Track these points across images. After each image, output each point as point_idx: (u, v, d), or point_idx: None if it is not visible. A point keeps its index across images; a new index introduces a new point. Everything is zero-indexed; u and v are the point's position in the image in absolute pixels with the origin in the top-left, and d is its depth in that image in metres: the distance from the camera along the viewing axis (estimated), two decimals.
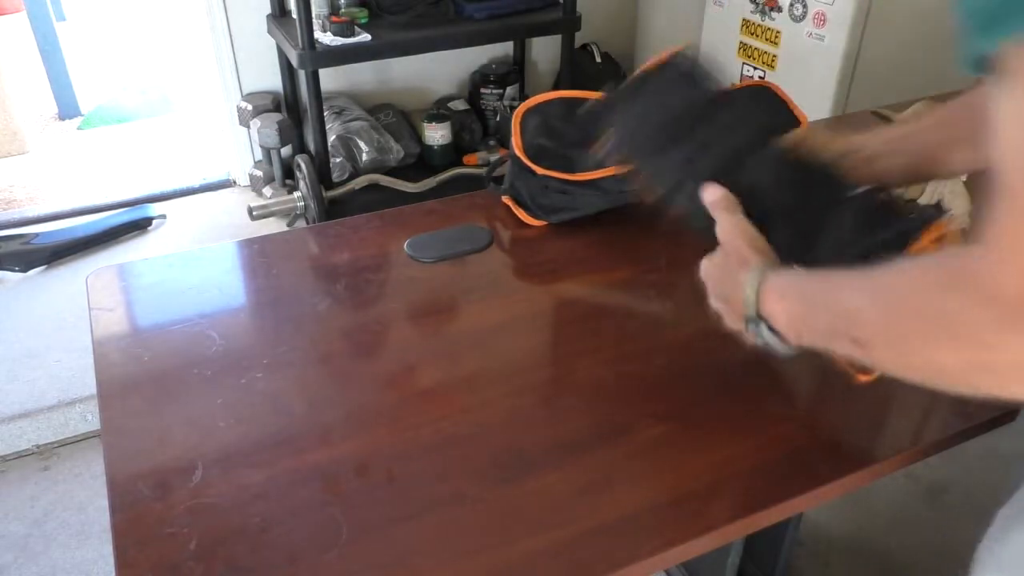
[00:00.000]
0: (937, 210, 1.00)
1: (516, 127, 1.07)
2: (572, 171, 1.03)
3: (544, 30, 2.63)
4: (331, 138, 2.43)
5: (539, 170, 1.03)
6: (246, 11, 2.48)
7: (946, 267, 0.48)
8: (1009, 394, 0.46)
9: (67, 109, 3.54)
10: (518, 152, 1.05)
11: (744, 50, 2.24)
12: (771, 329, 0.62)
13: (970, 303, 0.45)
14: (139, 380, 0.81)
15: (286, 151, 2.57)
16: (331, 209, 2.38)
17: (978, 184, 0.87)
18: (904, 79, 1.93)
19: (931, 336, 0.48)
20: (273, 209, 2.44)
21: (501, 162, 1.13)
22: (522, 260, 1.03)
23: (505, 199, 1.07)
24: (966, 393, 0.49)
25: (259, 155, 2.69)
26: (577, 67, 2.75)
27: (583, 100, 1.13)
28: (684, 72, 0.79)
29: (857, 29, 1.91)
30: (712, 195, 0.70)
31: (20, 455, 1.83)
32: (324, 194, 2.36)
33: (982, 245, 0.44)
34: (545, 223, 1.06)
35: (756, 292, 0.62)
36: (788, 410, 0.79)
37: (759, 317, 0.62)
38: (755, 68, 2.21)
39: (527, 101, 1.10)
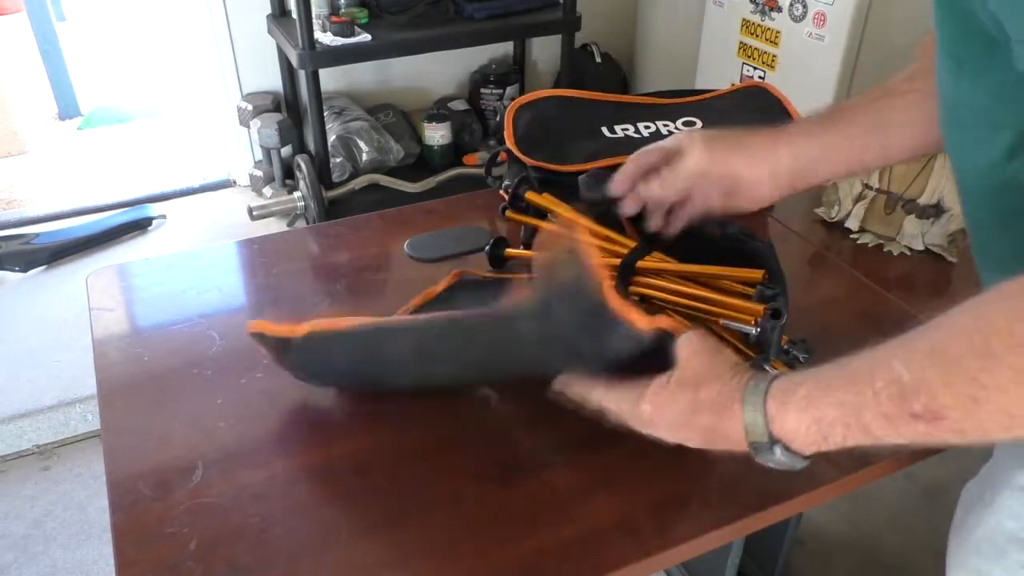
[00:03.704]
0: (937, 209, 1.01)
1: (509, 122, 1.07)
2: (563, 163, 1.03)
3: (544, 30, 2.63)
4: (331, 138, 2.43)
5: (529, 161, 1.03)
6: (246, 11, 2.48)
7: (1011, 298, 0.43)
8: None
9: (67, 109, 3.54)
10: (510, 145, 1.05)
11: (744, 50, 2.24)
12: (787, 450, 0.53)
13: None
14: (139, 380, 0.81)
15: (286, 151, 2.57)
16: (331, 209, 2.38)
17: None
18: None
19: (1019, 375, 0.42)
20: (273, 209, 2.44)
21: (498, 156, 1.13)
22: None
23: (502, 192, 1.07)
24: None
25: (259, 155, 2.69)
26: (577, 67, 2.75)
27: (576, 99, 1.14)
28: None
29: (857, 29, 1.91)
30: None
31: (20, 455, 1.83)
32: (324, 194, 2.37)
33: None
34: None
35: (763, 412, 0.53)
36: None
37: (772, 440, 0.53)
38: (755, 68, 2.21)
39: (520, 98, 1.11)
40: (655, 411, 0.60)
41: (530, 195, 0.96)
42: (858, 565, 1.58)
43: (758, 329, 0.76)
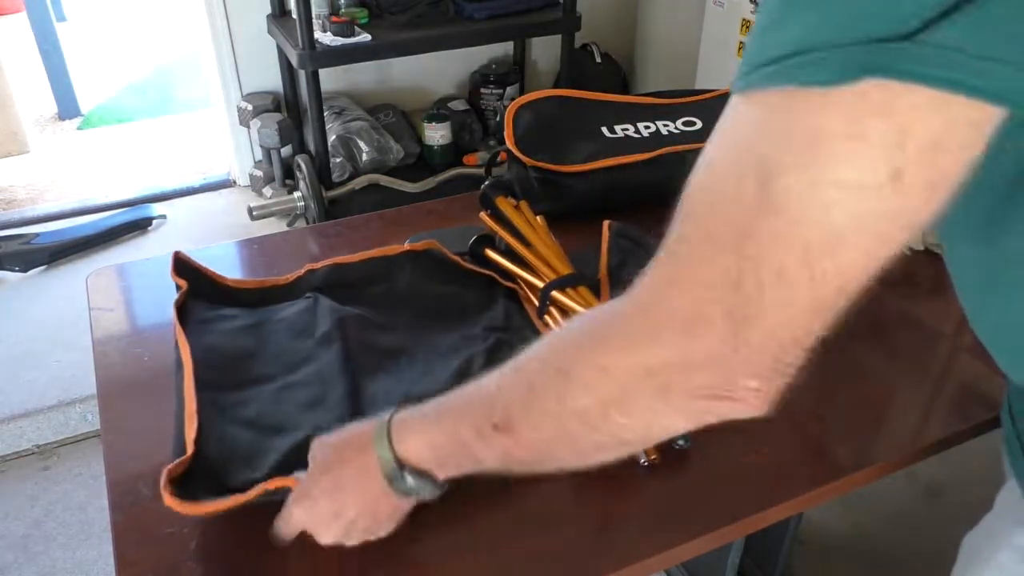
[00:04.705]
0: None
1: (509, 122, 1.08)
2: (563, 163, 1.03)
3: (544, 30, 2.63)
4: (331, 138, 2.43)
5: (529, 161, 1.03)
6: (246, 11, 2.48)
7: (584, 316, 0.49)
8: (638, 424, 0.46)
9: (67, 109, 3.54)
10: (510, 145, 1.06)
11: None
12: (418, 475, 0.56)
13: (602, 332, 0.46)
14: (139, 380, 0.81)
15: (286, 151, 2.57)
16: (331, 209, 2.38)
17: None
18: None
19: (565, 382, 0.47)
20: (273, 209, 2.44)
21: (498, 156, 1.13)
22: None
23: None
24: (607, 451, 0.48)
25: (259, 155, 2.69)
26: (577, 67, 2.74)
27: (576, 99, 1.14)
28: None
29: None
30: None
31: (20, 455, 1.83)
32: (324, 194, 2.37)
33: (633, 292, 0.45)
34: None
35: (388, 440, 0.55)
36: (788, 410, 0.79)
37: (401, 466, 0.55)
38: None
39: (521, 98, 1.11)
40: (307, 515, 0.59)
41: (499, 200, 0.96)
42: (858, 565, 1.58)
43: None
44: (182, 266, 0.85)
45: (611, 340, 0.45)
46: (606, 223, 0.95)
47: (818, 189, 0.37)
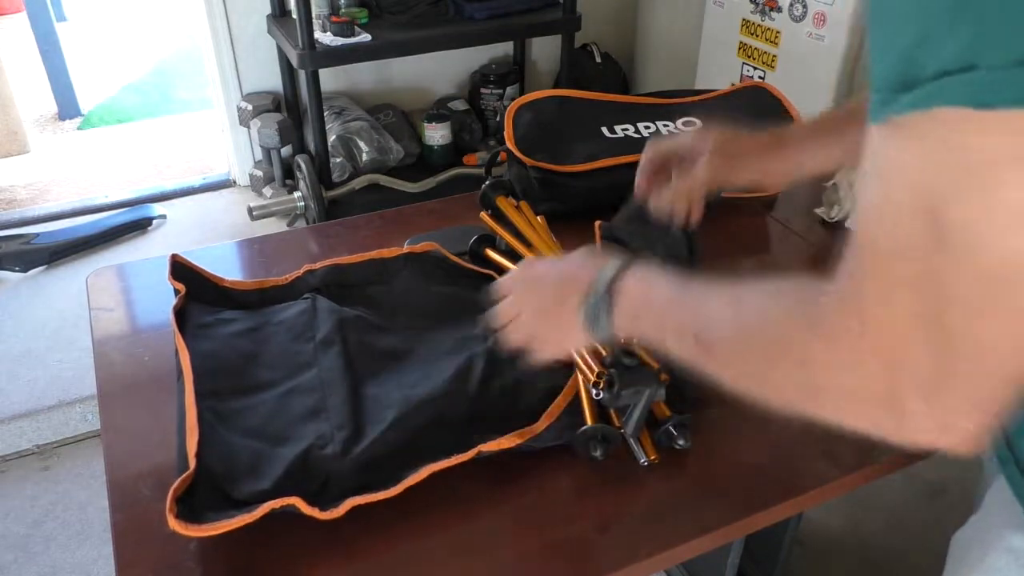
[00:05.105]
0: None
1: (509, 122, 1.08)
2: (563, 163, 1.03)
3: (544, 30, 2.63)
4: (331, 138, 2.43)
5: (529, 161, 1.04)
6: (246, 11, 2.48)
7: (799, 297, 0.48)
8: (834, 420, 0.46)
9: (67, 109, 3.54)
10: (510, 145, 1.06)
11: (744, 50, 2.24)
12: (609, 310, 0.60)
13: (810, 336, 0.45)
14: (139, 380, 0.81)
15: (286, 151, 2.57)
16: (331, 209, 2.38)
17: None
18: None
19: (771, 355, 0.49)
20: (273, 209, 2.44)
21: (498, 156, 1.13)
22: None
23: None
24: (795, 413, 0.48)
25: (259, 155, 2.69)
26: (577, 67, 2.75)
27: (576, 99, 1.14)
28: None
29: (857, 29, 1.91)
30: None
31: (20, 455, 1.83)
32: (324, 194, 2.37)
33: (832, 284, 0.44)
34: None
35: (616, 270, 0.61)
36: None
37: (608, 294, 0.60)
38: (755, 68, 2.21)
39: (521, 98, 1.11)
40: (534, 268, 0.70)
41: (500, 200, 0.96)
42: (858, 565, 1.58)
43: (599, 393, 0.70)
44: (180, 269, 0.84)
45: (816, 342, 0.45)
46: (597, 223, 0.96)
47: (992, 215, 0.35)
